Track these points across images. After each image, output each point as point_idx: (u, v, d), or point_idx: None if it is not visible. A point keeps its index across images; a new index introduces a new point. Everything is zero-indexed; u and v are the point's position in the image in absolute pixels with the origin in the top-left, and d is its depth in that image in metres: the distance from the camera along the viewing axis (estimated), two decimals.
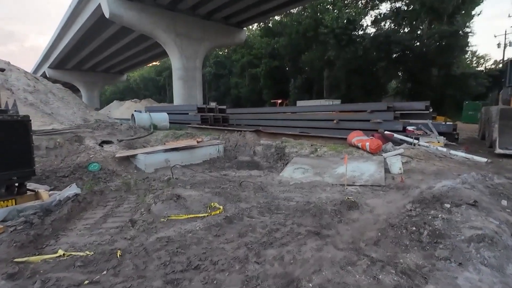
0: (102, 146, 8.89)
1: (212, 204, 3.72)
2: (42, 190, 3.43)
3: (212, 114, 14.65)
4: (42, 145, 7.92)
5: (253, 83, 41.79)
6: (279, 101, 28.47)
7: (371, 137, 7.14)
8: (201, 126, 12.93)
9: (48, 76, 54.35)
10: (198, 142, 7.84)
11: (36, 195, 3.38)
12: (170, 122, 14.12)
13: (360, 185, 4.84)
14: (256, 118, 15.37)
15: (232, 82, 46.27)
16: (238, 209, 3.66)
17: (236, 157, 8.40)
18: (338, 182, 5.03)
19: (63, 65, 52.59)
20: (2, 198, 3.16)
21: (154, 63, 64.97)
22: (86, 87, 58.09)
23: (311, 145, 7.94)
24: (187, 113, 15.34)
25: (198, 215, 3.38)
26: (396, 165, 5.16)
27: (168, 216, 3.26)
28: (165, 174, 6.04)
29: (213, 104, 19.26)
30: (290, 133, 9.87)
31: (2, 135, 3.04)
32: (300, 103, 24.89)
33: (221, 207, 3.65)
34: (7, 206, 3.16)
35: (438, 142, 7.39)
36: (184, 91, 26.89)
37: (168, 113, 14.27)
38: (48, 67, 53.68)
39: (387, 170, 5.37)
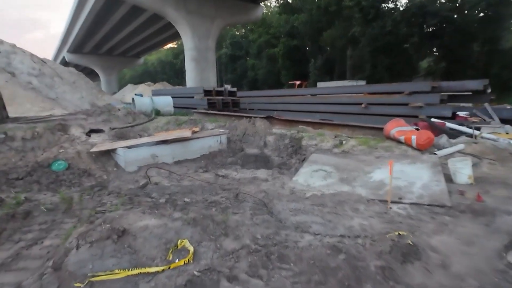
0: (90, 136, 7.71)
1: (179, 242, 2.32)
2: None
3: (220, 97, 13.16)
4: (17, 135, 6.80)
5: (271, 64, 39.60)
6: (298, 82, 26.43)
7: (414, 127, 5.41)
8: (208, 111, 11.52)
9: (67, 60, 54.72)
10: (194, 132, 6.44)
11: None
12: (175, 107, 12.83)
13: (410, 203, 3.25)
14: (270, 102, 13.74)
15: (249, 63, 44.26)
16: (217, 254, 2.24)
17: (243, 149, 6.96)
18: (376, 197, 3.47)
19: (80, 49, 52.53)
20: None
21: (171, 45, 63.83)
22: (104, 71, 58.13)
23: (335, 136, 6.32)
24: (193, 97, 13.94)
25: (147, 270, 1.99)
26: (464, 172, 3.49)
27: (93, 275, 1.89)
28: (149, 174, 4.70)
29: (227, 87, 17.73)
30: (308, 120, 8.24)
31: None
32: (320, 84, 22.79)
33: (191, 249, 2.25)
34: None
35: (507, 133, 5.54)
36: (197, 73, 25.47)
37: (173, 97, 12.95)
38: (67, 51, 53.81)
39: (446, 177, 3.72)
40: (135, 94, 13.80)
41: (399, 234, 2.47)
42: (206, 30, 25.71)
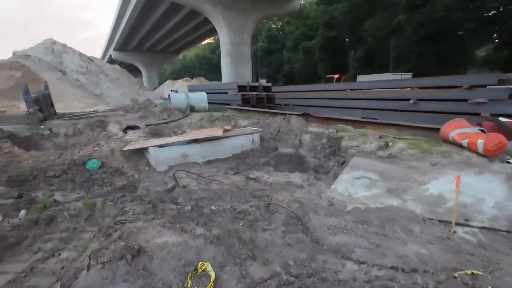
0: (126, 132, 7.87)
1: (200, 266, 2.03)
2: None
3: (255, 93, 12.83)
4: (60, 132, 7.15)
5: (308, 57, 38.37)
6: (336, 76, 25.17)
7: (477, 129, 4.58)
8: (241, 107, 11.27)
9: (113, 58, 58.31)
10: (225, 131, 6.19)
11: None
12: (210, 103, 12.78)
13: (481, 227, 2.64)
14: (307, 97, 13.10)
15: (285, 57, 43.39)
16: (242, 285, 1.92)
17: (277, 149, 6.58)
18: (435, 215, 2.89)
19: (125, 47, 55.51)
20: None
21: (208, 40, 64.96)
22: (145, 67, 60.98)
23: (379, 137, 5.66)
24: (227, 92, 13.78)
25: None
26: None
27: None
28: (179, 176, 4.53)
29: (262, 81, 17.34)
30: (348, 118, 7.58)
31: None
32: (361, 78, 21.44)
33: (212, 276, 1.95)
34: None
35: None
36: (232, 68, 25.44)
37: (208, 93, 12.91)
38: (113, 49, 57.21)
39: None
40: (171, 90, 14.05)
41: (472, 273, 1.93)
42: (242, 25, 25.48)
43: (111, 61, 56.29)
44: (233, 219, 2.84)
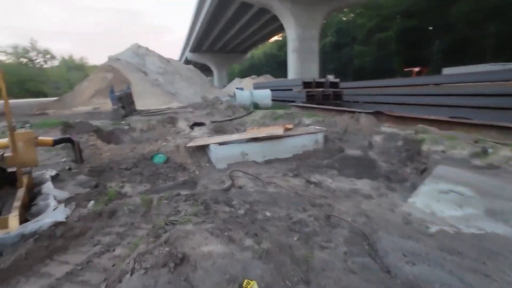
0: (192, 129, 8.23)
1: (245, 284, 1.80)
2: (13, 215, 2.38)
3: (321, 89, 12.15)
4: (137, 127, 7.85)
5: (381, 50, 35.22)
6: (416, 69, 22.40)
7: None
8: (306, 104, 10.79)
9: (188, 59, 63.28)
10: (287, 129, 5.89)
11: (2, 222, 2.35)
12: (274, 100, 12.62)
13: None
14: (379, 94, 11.87)
15: (356, 50, 40.69)
16: None
17: (343, 150, 6.01)
18: None
19: (199, 48, 59.62)
20: None
21: (277, 37, 65.27)
22: (216, 67, 64.53)
23: (475, 142, 4.63)
24: (292, 89, 13.38)
25: None
26: None
27: None
28: (236, 175, 4.45)
29: (329, 77, 16.47)
30: (431, 117, 6.48)
31: None
32: (448, 70, 18.59)
33: None
34: None
35: None
36: (299, 65, 24.87)
37: (273, 90, 12.77)
38: (189, 51, 62.01)
39: None
40: (236, 88, 14.35)
41: None
42: (310, 19, 24.66)
43: (187, 62, 61.15)
44: (287, 230, 2.55)
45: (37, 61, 54.18)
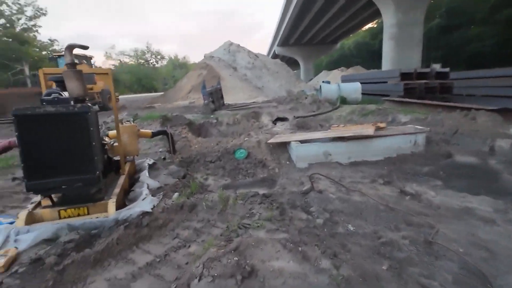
0: (275, 124, 8.18)
1: None
2: (112, 201, 2.68)
3: (423, 81, 10.36)
4: (224, 121, 8.26)
5: (510, 31, 28.15)
6: None
7: None
8: (403, 99, 9.41)
9: (276, 53, 64.24)
10: (378, 128, 5.19)
11: (103, 207, 2.68)
12: (364, 94, 11.51)
13: None
14: (507, 86, 9.43)
15: (472, 33, 33.73)
16: None
17: (450, 156, 4.99)
18: None
19: (287, 42, 59.75)
20: (72, 205, 2.65)
21: (370, 25, 59.99)
22: (304, 59, 63.62)
23: None
24: (386, 82, 11.85)
25: None
26: None
27: None
28: (317, 177, 4.15)
29: (435, 66, 14.03)
30: None
31: (51, 132, 2.40)
32: None
33: None
34: (78, 215, 2.63)
35: None
36: (396, 54, 22.12)
37: (363, 83, 11.65)
38: (277, 45, 62.85)
39: None
40: (322, 81, 13.57)
41: None
42: (414, 0, 21.47)
43: (275, 56, 62.14)
44: (374, 254, 2.14)
45: (151, 61, 63.95)
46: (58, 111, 2.39)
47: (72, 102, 2.48)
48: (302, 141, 5.09)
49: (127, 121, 4.26)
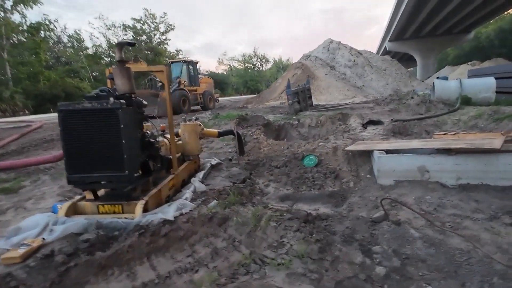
0: (365, 128, 7.00)
1: None
2: (140, 203, 2.54)
3: None
4: (305, 122, 7.60)
5: None
6: None
7: None
8: None
9: (388, 49, 57.71)
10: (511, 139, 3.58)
11: (131, 208, 2.56)
12: (501, 92, 8.68)
13: None
14: None
15: None
16: None
17: None
18: None
19: (401, 36, 52.88)
20: (108, 201, 2.65)
21: None
22: (421, 54, 55.02)
23: None
24: None
25: None
26: None
27: None
28: (402, 200, 3.14)
29: None
30: None
31: (87, 127, 2.41)
32: None
33: None
34: (114, 212, 2.62)
35: None
36: None
37: (499, 78, 8.79)
38: (388, 40, 56.47)
39: None
40: (437, 78, 10.84)
41: None
42: None
43: (386, 52, 55.94)
44: None
45: (257, 65, 67.91)
46: (93, 107, 2.39)
47: (112, 100, 2.44)
48: (388, 151, 4.00)
49: (189, 120, 4.23)
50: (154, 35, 38.57)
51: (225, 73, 64.62)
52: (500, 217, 2.71)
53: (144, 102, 3.31)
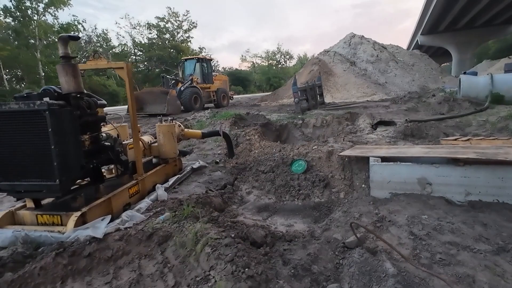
0: (375, 128, 6.38)
1: None
2: (75, 215, 2.27)
3: None
4: (310, 122, 7.06)
5: None
6: None
7: None
8: None
9: (419, 43, 54.36)
10: None
11: (66, 219, 2.30)
12: None
13: None
14: None
15: None
16: None
17: None
18: None
19: (434, 29, 49.54)
20: (47, 211, 2.42)
21: None
22: (457, 48, 51.23)
23: None
24: None
25: None
26: None
27: None
28: (405, 216, 2.65)
29: None
30: None
31: (14, 131, 2.17)
32: None
33: None
34: (53, 223, 2.38)
35: None
36: None
37: None
38: (420, 34, 53.18)
39: None
40: (463, 73, 9.62)
41: None
42: None
43: (418, 47, 52.73)
44: None
45: (280, 61, 66.85)
46: (18, 109, 2.14)
47: (39, 101, 2.18)
48: (384, 158, 3.46)
49: (165, 120, 3.93)
50: (177, 33, 39.13)
51: (248, 69, 64.27)
52: (510, 250, 2.13)
53: (103, 102, 3.05)
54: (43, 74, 27.85)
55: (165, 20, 37.50)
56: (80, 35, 33.66)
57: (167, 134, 3.82)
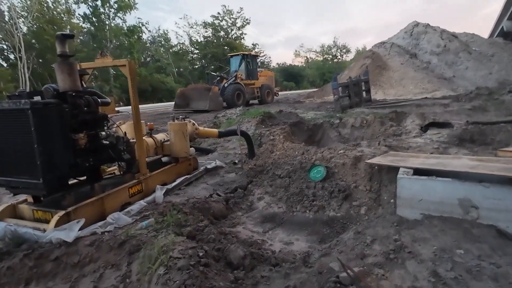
0: (424, 131, 5.49)
1: None
2: (57, 214, 2.25)
3: None
4: (348, 122, 6.37)
5: None
6: None
7: None
8: None
9: (505, 30, 46.47)
10: None
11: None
12: None
13: None
14: None
15: None
16: None
17: None
18: None
19: None
20: (42, 207, 2.47)
21: None
22: None
23: None
24: None
25: None
26: None
27: None
28: (433, 247, 2.14)
29: None
30: None
31: (3, 128, 2.23)
32: None
33: None
34: (46, 219, 2.43)
35: None
36: None
37: None
38: (507, 18, 45.48)
39: None
40: None
41: None
42: None
43: (503, 34, 45.25)
44: None
45: (336, 55, 63.64)
46: (4, 107, 2.19)
47: (24, 100, 2.20)
48: (417, 169, 2.83)
49: (177, 118, 3.83)
50: (231, 30, 39.90)
51: (302, 65, 62.62)
52: None
53: (106, 100, 3.04)
54: (114, 72, 31.02)
55: (220, 18, 38.55)
56: (144, 36, 36.62)
57: (178, 133, 3.72)
